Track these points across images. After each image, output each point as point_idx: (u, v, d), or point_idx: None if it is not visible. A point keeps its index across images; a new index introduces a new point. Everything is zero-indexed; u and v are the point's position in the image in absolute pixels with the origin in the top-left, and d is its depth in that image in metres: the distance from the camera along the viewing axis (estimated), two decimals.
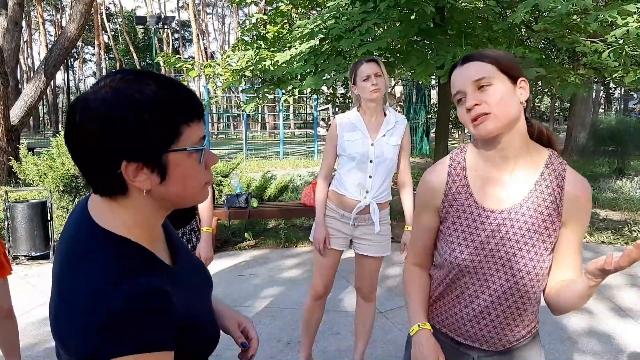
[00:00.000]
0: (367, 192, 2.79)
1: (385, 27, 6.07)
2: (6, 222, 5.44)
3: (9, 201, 5.50)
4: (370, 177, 2.78)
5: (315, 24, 5.68)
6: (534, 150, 1.38)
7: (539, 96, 34.62)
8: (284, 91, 6.51)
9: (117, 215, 0.90)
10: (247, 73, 6.37)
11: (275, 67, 5.88)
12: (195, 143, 0.89)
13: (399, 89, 17.70)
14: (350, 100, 9.06)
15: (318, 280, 2.95)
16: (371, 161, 2.77)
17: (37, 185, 6.69)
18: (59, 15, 46.62)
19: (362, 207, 2.79)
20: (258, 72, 6.28)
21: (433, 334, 1.46)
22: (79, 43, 37.94)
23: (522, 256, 1.35)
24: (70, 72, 45.02)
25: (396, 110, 2.89)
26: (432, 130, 15.22)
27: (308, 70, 5.82)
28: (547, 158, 1.38)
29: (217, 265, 5.26)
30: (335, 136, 2.85)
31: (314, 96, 16.64)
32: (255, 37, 7.49)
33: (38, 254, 5.44)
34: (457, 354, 1.49)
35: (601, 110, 26.56)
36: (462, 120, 1.35)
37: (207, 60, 7.06)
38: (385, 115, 2.83)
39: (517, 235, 1.35)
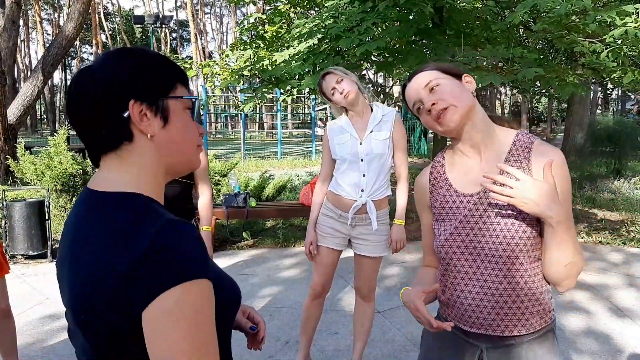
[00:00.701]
0: (362, 190, 2.80)
1: (384, 27, 6.07)
2: (3, 221, 5.42)
3: (6, 200, 5.49)
4: (364, 175, 2.80)
5: (314, 23, 5.68)
6: (500, 132, 1.47)
7: (537, 97, 34.68)
8: (282, 91, 6.50)
9: (124, 171, 0.94)
10: (246, 73, 6.36)
11: (274, 67, 5.88)
12: (186, 101, 0.99)
13: (397, 89, 17.70)
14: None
15: (317, 280, 2.96)
16: (362, 160, 2.79)
17: (34, 184, 6.67)
18: (56, 14, 46.54)
19: (359, 206, 2.79)
20: (256, 72, 6.27)
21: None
22: (77, 42, 37.86)
23: (502, 229, 1.38)
24: (68, 72, 44.91)
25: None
26: (430, 131, 15.21)
27: (306, 69, 5.82)
28: (514, 136, 1.45)
29: None
30: (327, 142, 2.92)
31: (312, 96, 16.63)
32: (253, 36, 7.49)
33: (35, 253, 5.42)
34: (467, 346, 1.51)
35: (598, 111, 26.64)
36: (428, 125, 1.45)
37: (205, 60, 7.04)
38: (372, 111, 2.86)
39: (495, 211, 1.39)
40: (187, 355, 0.79)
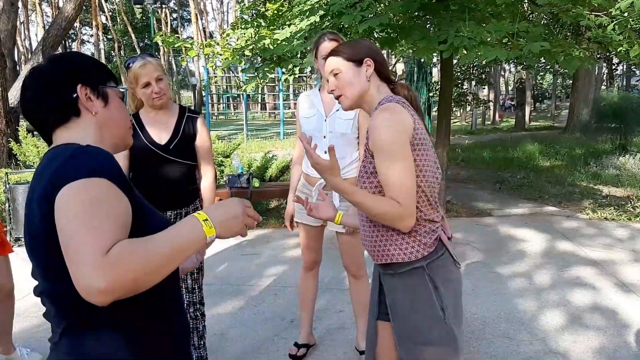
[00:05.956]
0: None
1: (387, 3, 5.97)
2: (7, 204, 5.42)
3: (9, 183, 5.48)
4: (325, 152, 2.76)
5: (316, 0, 5.59)
6: (379, 99, 1.79)
7: (541, 73, 34.31)
8: (284, 70, 6.43)
9: (74, 133, 1.19)
10: (247, 52, 6.28)
11: (275, 46, 5.80)
12: (118, 92, 1.30)
13: (400, 67, 17.56)
14: None
15: (305, 254, 3.05)
16: (325, 137, 2.78)
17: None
18: None
19: (323, 184, 2.78)
20: (258, 51, 6.19)
21: None
22: (77, 24, 37.55)
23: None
24: None
25: None
26: (434, 109, 15.13)
27: (308, 47, 5.74)
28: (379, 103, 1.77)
29: (219, 245, 5.26)
30: (298, 115, 2.93)
31: (315, 75, 16.49)
32: (254, 15, 7.39)
33: None
34: (377, 273, 1.88)
35: (603, 87, 26.39)
36: None
37: (205, 40, 6.95)
38: None
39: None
40: (84, 230, 0.96)
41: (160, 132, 2.59)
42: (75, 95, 1.19)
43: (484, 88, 30.46)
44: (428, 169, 1.67)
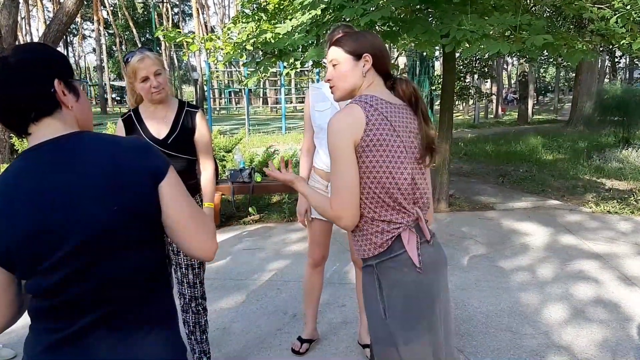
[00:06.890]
0: None
1: None
2: None
3: None
4: None
5: None
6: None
7: (544, 66, 34.17)
8: (285, 64, 6.40)
9: (66, 125, 1.21)
10: (248, 46, 6.26)
11: (277, 39, 5.77)
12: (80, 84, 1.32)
13: (402, 61, 17.51)
14: None
15: (313, 249, 3.01)
16: None
17: None
18: None
19: None
20: (259, 45, 6.17)
21: None
22: (78, 19, 37.52)
23: None
24: (70, 49, 44.63)
25: None
26: (437, 103, 15.08)
27: (310, 41, 5.72)
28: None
29: (222, 240, 5.27)
30: (308, 108, 2.88)
31: (316, 69, 16.44)
32: (255, 9, 7.35)
33: None
34: None
35: (606, 80, 26.27)
36: None
37: (207, 35, 6.92)
38: None
39: None
40: (191, 208, 1.23)
41: (159, 127, 2.58)
42: (52, 90, 1.18)
43: (487, 81, 30.35)
44: (381, 170, 1.65)
